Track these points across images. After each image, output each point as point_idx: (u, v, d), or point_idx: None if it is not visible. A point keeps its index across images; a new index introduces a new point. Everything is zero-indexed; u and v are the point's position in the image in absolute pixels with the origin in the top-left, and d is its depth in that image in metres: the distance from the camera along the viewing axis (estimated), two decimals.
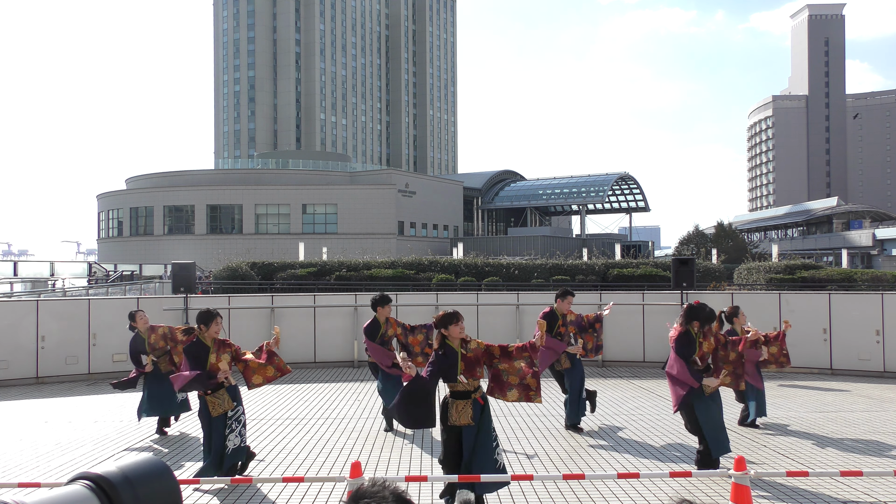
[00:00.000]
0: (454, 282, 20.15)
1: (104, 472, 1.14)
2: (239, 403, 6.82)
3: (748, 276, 22.13)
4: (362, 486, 1.44)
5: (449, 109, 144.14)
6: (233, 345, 6.94)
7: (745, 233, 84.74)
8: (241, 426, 6.76)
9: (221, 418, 6.68)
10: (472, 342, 5.77)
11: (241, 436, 6.74)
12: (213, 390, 6.68)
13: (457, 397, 5.65)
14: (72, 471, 7.24)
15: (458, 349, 5.68)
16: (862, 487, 6.54)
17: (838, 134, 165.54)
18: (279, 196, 65.68)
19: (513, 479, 5.47)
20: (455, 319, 5.68)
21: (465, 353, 5.68)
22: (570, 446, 8.12)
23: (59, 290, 25.89)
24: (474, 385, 5.66)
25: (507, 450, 7.93)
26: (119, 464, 1.17)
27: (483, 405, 5.70)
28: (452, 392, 5.68)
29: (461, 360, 5.64)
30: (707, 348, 7.04)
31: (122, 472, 1.14)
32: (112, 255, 66.19)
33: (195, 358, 6.69)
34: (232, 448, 6.65)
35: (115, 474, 1.13)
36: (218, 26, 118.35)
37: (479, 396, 5.69)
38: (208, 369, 6.64)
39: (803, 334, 13.48)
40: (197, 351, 6.74)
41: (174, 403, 8.98)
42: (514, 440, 8.41)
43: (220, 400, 6.67)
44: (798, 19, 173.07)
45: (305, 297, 15.35)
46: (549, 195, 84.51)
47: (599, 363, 14.39)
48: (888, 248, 77.53)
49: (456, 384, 5.63)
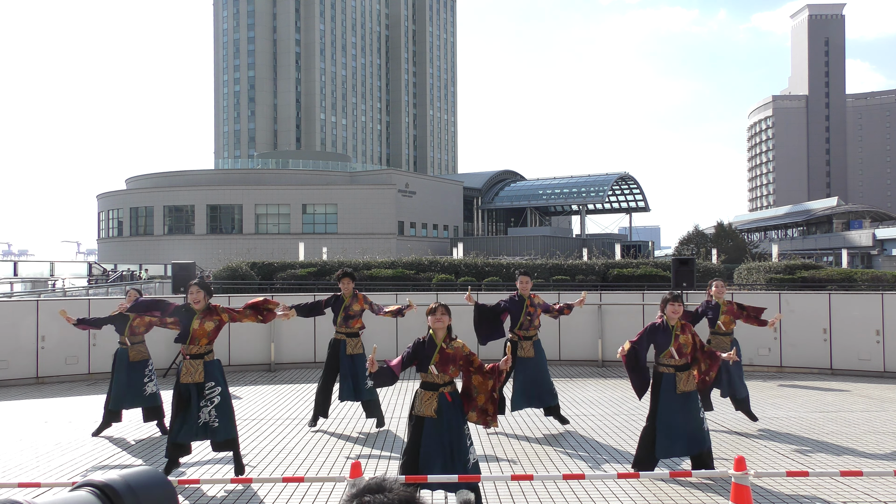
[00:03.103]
0: (454, 282, 20.15)
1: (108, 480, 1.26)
2: (217, 384, 6.79)
3: (748, 276, 22.13)
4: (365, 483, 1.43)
5: (449, 109, 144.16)
6: (222, 313, 6.91)
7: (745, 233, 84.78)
8: (213, 406, 6.70)
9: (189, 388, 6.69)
10: (457, 341, 5.84)
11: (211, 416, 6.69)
12: (191, 357, 6.76)
13: (425, 388, 5.74)
14: (72, 471, 7.24)
15: (440, 343, 5.75)
16: (862, 487, 6.54)
17: (838, 134, 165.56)
18: (279, 196, 65.69)
19: (513, 478, 5.46)
20: (432, 311, 5.79)
21: (446, 347, 5.75)
22: (569, 446, 8.12)
23: (59, 290, 25.90)
24: (444, 379, 5.71)
25: (506, 449, 7.94)
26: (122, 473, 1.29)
27: (451, 402, 5.72)
28: (423, 382, 5.77)
29: (438, 353, 5.72)
30: (684, 341, 6.92)
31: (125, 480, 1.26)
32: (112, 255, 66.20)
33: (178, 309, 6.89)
34: (203, 421, 6.66)
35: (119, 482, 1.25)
36: (218, 26, 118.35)
37: (447, 392, 5.72)
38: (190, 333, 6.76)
39: (803, 334, 13.49)
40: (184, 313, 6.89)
41: (141, 396, 8.87)
42: (513, 440, 8.41)
43: (193, 369, 6.72)
44: (798, 19, 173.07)
45: (305, 297, 15.34)
46: (549, 195, 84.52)
47: (599, 363, 14.39)
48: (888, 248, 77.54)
49: (427, 374, 5.70)
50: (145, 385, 8.89)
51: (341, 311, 9.09)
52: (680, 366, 6.89)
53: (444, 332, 5.80)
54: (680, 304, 7.00)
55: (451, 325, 5.86)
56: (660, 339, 6.95)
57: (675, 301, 6.97)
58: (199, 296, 6.83)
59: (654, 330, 7.00)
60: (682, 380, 6.87)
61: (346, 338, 9.07)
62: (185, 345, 6.80)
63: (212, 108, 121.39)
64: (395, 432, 8.88)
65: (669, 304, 6.96)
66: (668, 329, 6.96)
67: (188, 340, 6.78)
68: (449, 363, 5.72)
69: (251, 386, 12.34)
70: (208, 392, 6.75)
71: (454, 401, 5.75)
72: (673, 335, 6.92)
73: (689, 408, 6.82)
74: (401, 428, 9.05)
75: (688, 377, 6.90)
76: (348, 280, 9.23)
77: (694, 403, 6.87)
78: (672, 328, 6.96)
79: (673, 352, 6.86)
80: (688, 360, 6.93)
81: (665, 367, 6.92)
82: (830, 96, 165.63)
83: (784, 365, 13.57)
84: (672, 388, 6.84)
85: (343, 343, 9.05)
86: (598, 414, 9.87)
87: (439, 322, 5.77)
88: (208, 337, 6.83)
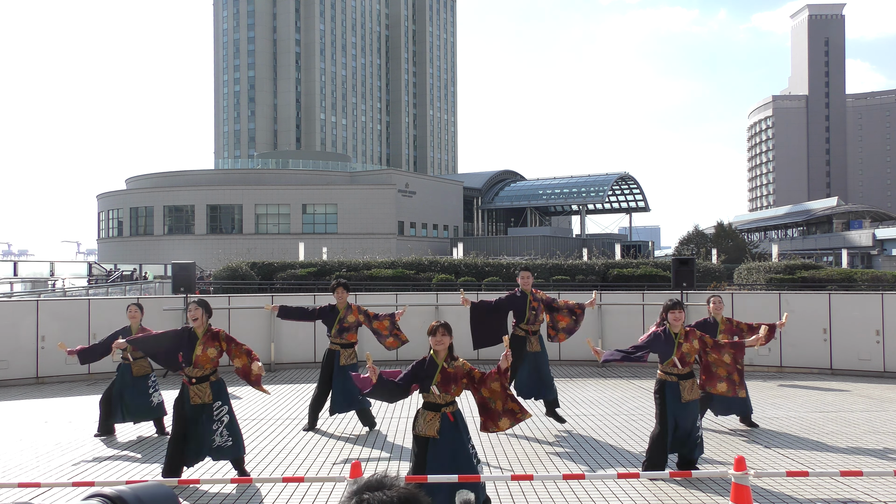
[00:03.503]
0: (454, 282, 20.15)
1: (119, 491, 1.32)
2: (224, 403, 6.80)
3: (748, 276, 22.14)
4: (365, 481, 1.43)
5: (449, 109, 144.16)
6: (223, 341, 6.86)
7: (745, 233, 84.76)
8: (223, 427, 6.72)
9: (199, 408, 6.68)
10: (458, 360, 5.78)
11: (224, 436, 6.69)
12: (197, 380, 6.71)
13: (427, 408, 5.69)
14: (72, 471, 7.25)
15: (441, 363, 5.69)
16: (862, 487, 6.54)
17: (838, 134, 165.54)
18: (279, 196, 65.69)
19: (513, 478, 5.47)
20: (433, 332, 5.69)
21: (447, 367, 5.69)
22: (569, 446, 8.13)
23: (59, 290, 25.90)
24: (446, 399, 5.66)
25: (506, 449, 7.94)
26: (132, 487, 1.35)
27: (453, 422, 5.68)
28: (425, 403, 5.72)
29: (439, 373, 5.66)
30: (687, 349, 6.86)
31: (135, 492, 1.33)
32: (112, 255, 66.19)
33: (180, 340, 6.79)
34: (217, 444, 6.66)
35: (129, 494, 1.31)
36: (218, 26, 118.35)
37: (449, 412, 5.68)
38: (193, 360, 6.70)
39: (803, 334, 13.49)
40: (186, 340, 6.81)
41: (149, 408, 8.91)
42: (513, 440, 8.41)
43: (201, 392, 6.70)
44: (798, 19, 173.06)
45: (305, 297, 15.35)
46: (549, 195, 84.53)
47: (599, 363, 14.38)
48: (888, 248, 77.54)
49: (428, 395, 5.66)
50: (151, 397, 8.92)
51: (336, 323, 9.01)
52: (683, 374, 6.87)
53: (445, 353, 5.74)
54: (681, 311, 6.92)
55: (452, 345, 5.80)
56: (661, 349, 6.87)
57: (675, 308, 6.88)
58: (197, 313, 6.82)
59: (655, 339, 6.92)
60: (687, 388, 6.84)
61: (341, 349, 9.02)
62: (190, 368, 6.75)
63: (212, 108, 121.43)
64: (395, 433, 8.88)
65: (671, 311, 6.88)
66: (670, 337, 6.89)
67: (192, 365, 6.74)
68: (451, 382, 5.67)
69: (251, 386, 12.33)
70: (217, 412, 6.74)
71: (457, 420, 5.69)
72: (676, 343, 6.86)
73: (693, 415, 6.86)
74: (400, 428, 9.05)
75: (692, 385, 6.87)
76: (342, 290, 9.07)
77: (695, 411, 6.90)
78: (675, 336, 6.90)
79: (676, 361, 6.81)
80: (692, 367, 6.93)
81: (668, 374, 6.88)
82: (830, 96, 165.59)
83: (784, 365, 13.57)
84: (677, 398, 6.81)
85: (337, 354, 9.00)
86: (598, 414, 9.88)
87: (440, 344, 5.70)
88: (212, 363, 6.82)
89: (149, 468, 7.34)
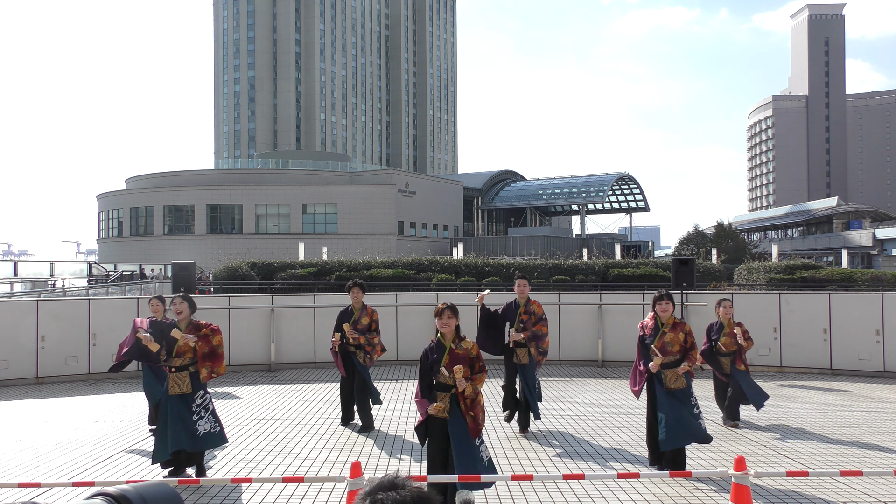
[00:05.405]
0: (454, 282, 20.15)
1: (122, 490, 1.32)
2: (204, 391, 6.95)
3: (748, 276, 22.14)
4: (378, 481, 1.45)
5: (449, 109, 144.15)
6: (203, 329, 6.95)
7: (745, 233, 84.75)
8: (210, 413, 6.88)
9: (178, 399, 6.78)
10: (466, 341, 5.86)
11: (210, 422, 6.83)
12: (177, 370, 6.87)
13: (437, 389, 5.74)
14: (72, 471, 7.25)
15: (448, 344, 5.76)
16: (862, 487, 6.54)
17: (838, 134, 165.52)
18: (279, 196, 65.69)
19: (513, 478, 5.46)
20: (439, 314, 5.80)
21: (455, 348, 5.76)
22: (569, 446, 8.12)
23: (59, 290, 25.90)
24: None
25: (506, 449, 7.94)
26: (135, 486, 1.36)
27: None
28: (436, 384, 5.76)
29: (447, 354, 5.74)
30: (670, 339, 6.99)
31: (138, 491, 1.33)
32: (112, 255, 66.21)
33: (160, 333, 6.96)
34: (203, 432, 6.75)
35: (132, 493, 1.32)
36: (218, 26, 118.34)
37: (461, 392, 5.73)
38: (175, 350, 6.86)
39: (803, 334, 13.49)
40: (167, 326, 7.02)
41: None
42: (513, 440, 8.41)
43: (180, 381, 6.84)
44: (798, 19, 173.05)
45: (305, 297, 15.35)
46: (549, 195, 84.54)
47: (599, 363, 14.39)
48: (888, 248, 77.54)
49: (438, 376, 5.70)
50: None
51: (350, 325, 8.91)
52: (668, 363, 6.98)
53: (452, 334, 5.80)
54: (668, 302, 7.15)
55: (458, 325, 5.86)
56: (648, 340, 7.16)
57: (662, 299, 7.14)
58: (182, 307, 7.00)
59: (642, 338, 7.27)
60: (669, 378, 6.97)
61: (355, 349, 8.95)
62: (171, 357, 6.90)
63: (212, 108, 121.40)
64: (395, 433, 8.87)
65: (658, 302, 7.16)
66: (657, 327, 7.13)
67: (173, 354, 6.90)
68: (459, 363, 5.73)
69: (251, 386, 12.34)
70: (200, 400, 6.87)
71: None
72: (660, 333, 7.05)
73: (684, 402, 6.93)
74: (400, 428, 9.05)
75: (675, 376, 6.96)
76: (358, 290, 8.95)
77: (686, 399, 6.95)
78: (661, 326, 7.10)
79: (655, 350, 6.96)
80: (675, 357, 7.00)
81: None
82: (830, 96, 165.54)
83: (784, 365, 13.57)
84: (661, 386, 6.98)
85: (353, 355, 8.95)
86: (598, 414, 9.88)
87: (447, 326, 5.77)
88: (192, 351, 6.93)
89: (149, 468, 7.34)
